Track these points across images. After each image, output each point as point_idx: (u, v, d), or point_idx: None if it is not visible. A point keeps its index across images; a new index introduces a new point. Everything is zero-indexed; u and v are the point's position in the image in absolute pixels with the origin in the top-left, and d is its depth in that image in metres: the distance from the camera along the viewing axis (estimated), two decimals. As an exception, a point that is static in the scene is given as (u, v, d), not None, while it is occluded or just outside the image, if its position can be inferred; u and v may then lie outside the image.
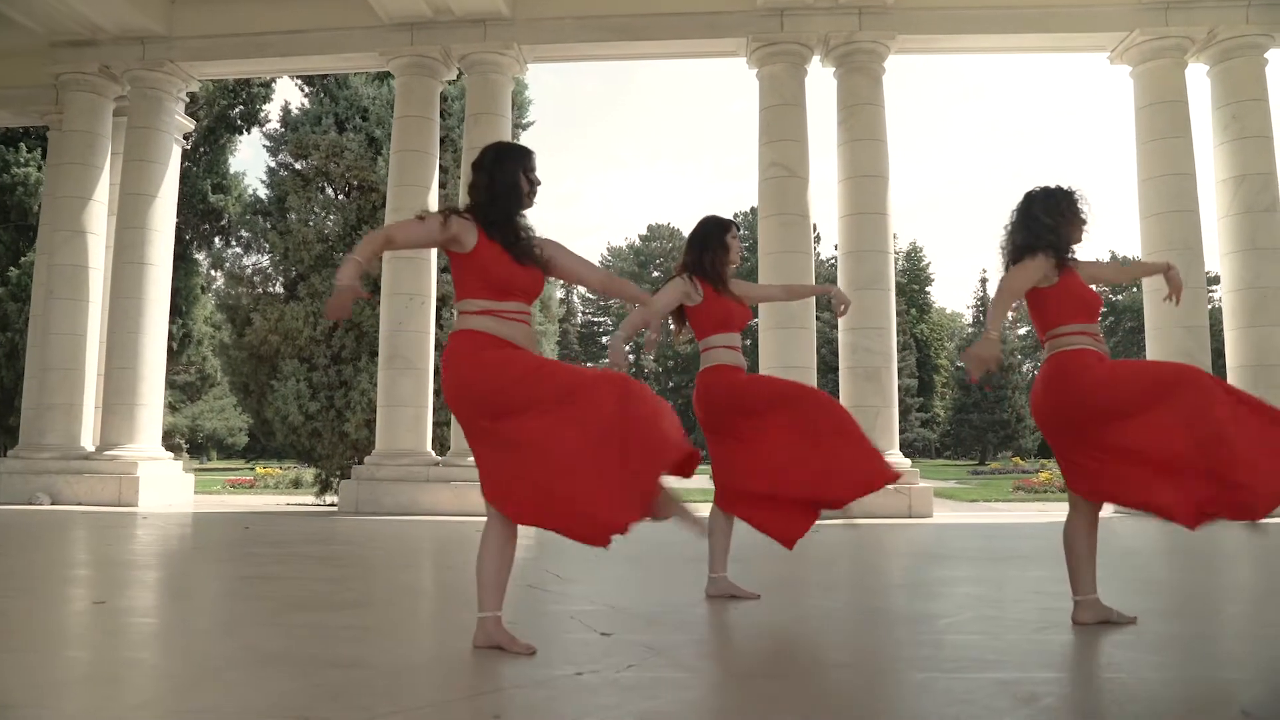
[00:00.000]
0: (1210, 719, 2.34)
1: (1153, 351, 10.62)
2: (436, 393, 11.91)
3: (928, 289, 61.09)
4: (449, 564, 6.06)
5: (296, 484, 20.55)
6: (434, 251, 11.41)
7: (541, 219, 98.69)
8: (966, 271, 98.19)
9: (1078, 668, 2.78)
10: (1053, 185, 3.53)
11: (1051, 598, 4.10)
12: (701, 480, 4.06)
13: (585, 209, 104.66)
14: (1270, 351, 10.23)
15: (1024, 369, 58.96)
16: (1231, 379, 10.58)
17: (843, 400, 10.32)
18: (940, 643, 3.16)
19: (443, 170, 13.16)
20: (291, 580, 4.80)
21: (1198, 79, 11.12)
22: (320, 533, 7.82)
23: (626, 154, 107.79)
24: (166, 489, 11.62)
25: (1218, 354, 11.23)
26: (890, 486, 10.00)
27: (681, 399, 61.19)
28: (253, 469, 27.22)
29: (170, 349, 21.87)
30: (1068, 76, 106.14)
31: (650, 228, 67.12)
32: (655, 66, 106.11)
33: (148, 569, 5.25)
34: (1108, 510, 11.84)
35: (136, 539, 7.05)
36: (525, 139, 15.90)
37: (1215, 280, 18.51)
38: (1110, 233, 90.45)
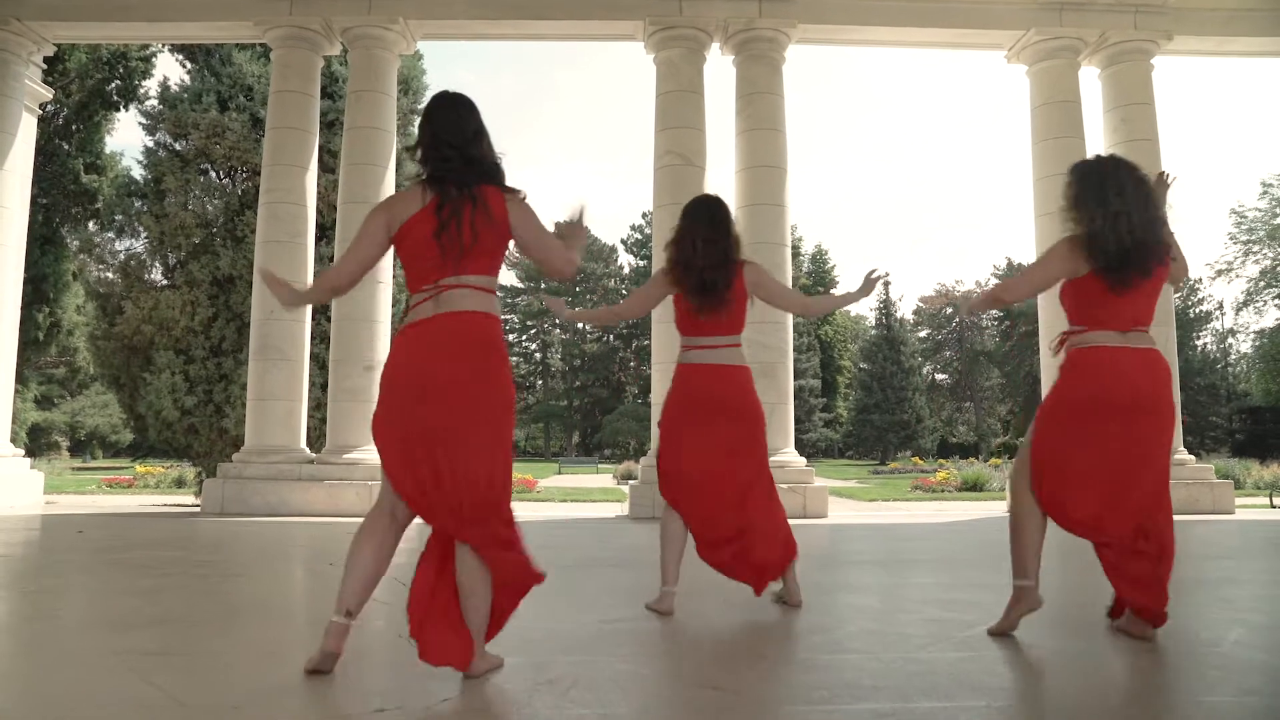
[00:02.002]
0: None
1: (1046, 354, 10.65)
2: (313, 385, 11.21)
3: (833, 291, 62.03)
4: (288, 572, 5.49)
5: (179, 483, 19.46)
6: (310, 236, 10.72)
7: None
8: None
9: (962, 694, 2.43)
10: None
11: (939, 607, 3.80)
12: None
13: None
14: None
15: (924, 371, 60.47)
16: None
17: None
18: (815, 664, 2.79)
19: (331, 154, 12.41)
20: (93, 593, 4.18)
21: (1091, 83, 11.24)
22: (167, 536, 7.09)
23: (544, 151, 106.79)
24: (10, 489, 10.58)
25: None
26: (783, 485, 9.72)
27: (589, 398, 60.81)
28: (134, 467, 25.79)
29: (36, 339, 20.41)
30: (974, 82, 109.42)
31: (558, 225, 66.33)
32: (574, 63, 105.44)
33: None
34: (1000, 508, 11.80)
35: (-55, 546, 6.23)
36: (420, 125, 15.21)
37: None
38: (1006, 232, 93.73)
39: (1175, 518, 3.08)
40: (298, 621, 3.70)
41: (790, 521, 3.79)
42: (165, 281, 13.34)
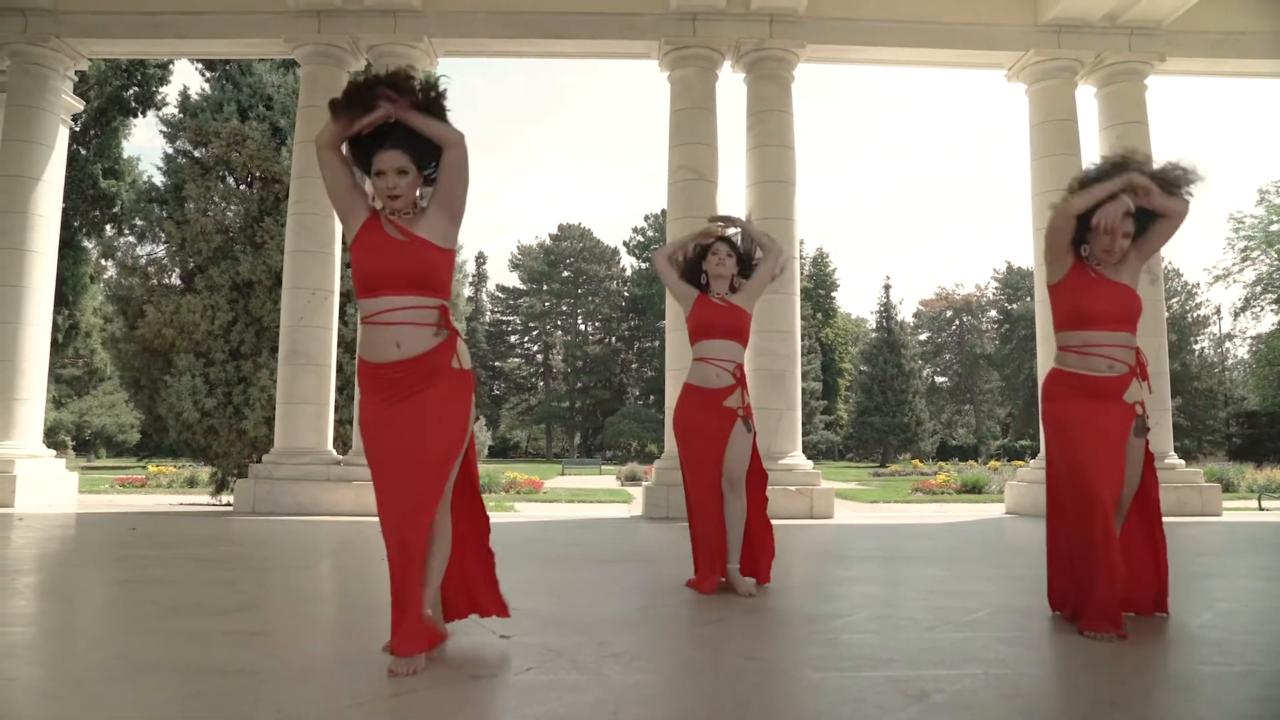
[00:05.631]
0: (1083, 710, 2.44)
1: (1044, 359, 11.09)
2: (339, 389, 11.63)
3: (833, 294, 62.49)
4: (345, 565, 5.92)
5: (191, 483, 19.82)
6: (338, 246, 11.13)
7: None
8: (871, 278, 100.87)
9: (965, 664, 2.86)
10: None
11: (943, 596, 4.23)
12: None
13: (502, 208, 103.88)
14: (1150, 359, 10.77)
15: (924, 374, 60.93)
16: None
17: (748, 402, 10.46)
18: (836, 641, 3.23)
19: (350, 163, 12.85)
20: (176, 584, 4.60)
21: (1087, 101, 11.67)
22: (213, 533, 7.53)
23: (549, 154, 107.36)
24: (47, 489, 11.01)
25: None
26: (792, 487, 10.14)
27: (591, 399, 61.27)
28: (144, 467, 26.17)
29: (54, 341, 20.85)
30: (973, 93, 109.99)
31: (561, 227, 66.85)
32: (581, 68, 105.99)
33: (19, 574, 4.96)
34: (999, 510, 12.23)
35: (11, 542, 6.66)
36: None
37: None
38: (1008, 236, 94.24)
39: (1167, 519, 3.54)
40: (363, 606, 4.13)
41: (798, 522, 4.30)
42: (185, 286, 13.73)
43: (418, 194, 2.95)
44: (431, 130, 2.87)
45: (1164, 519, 3.56)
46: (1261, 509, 13.39)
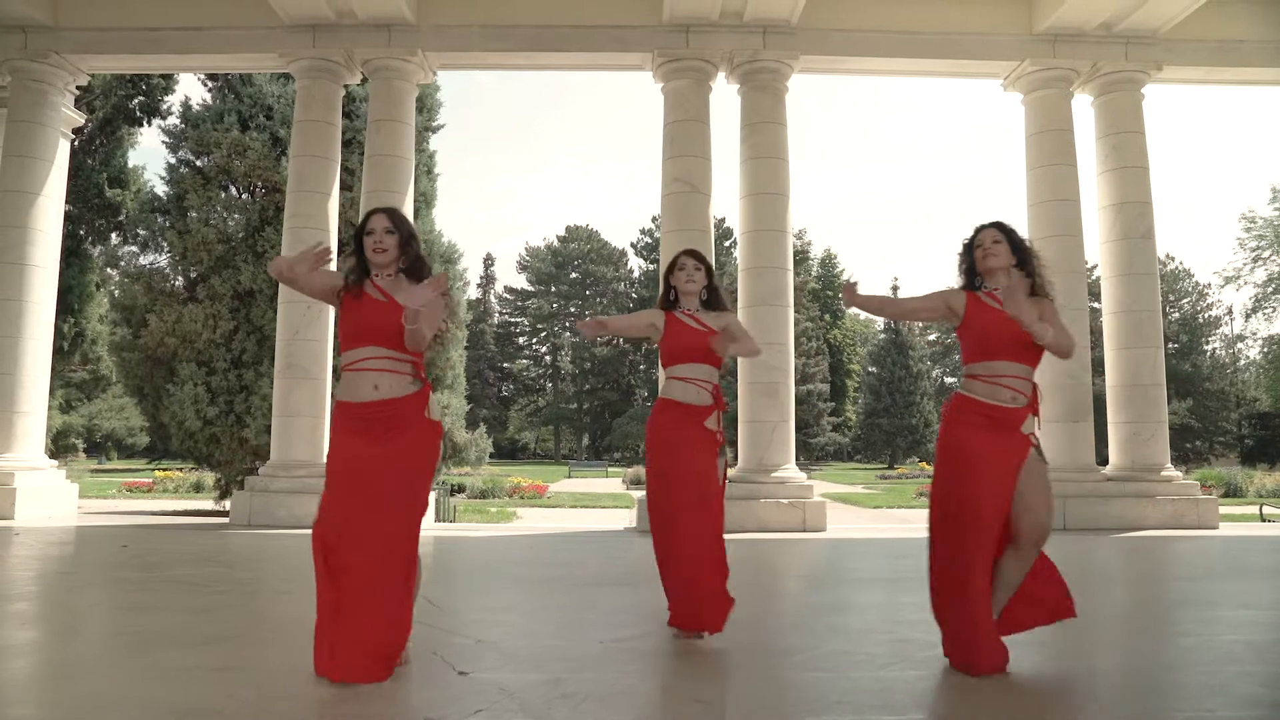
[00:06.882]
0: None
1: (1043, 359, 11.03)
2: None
3: (841, 295, 62.24)
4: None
5: (198, 488, 19.98)
6: (334, 261, 11.17)
7: (471, 218, 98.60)
8: (879, 278, 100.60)
9: (911, 710, 2.88)
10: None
11: (908, 628, 4.25)
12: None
13: (510, 209, 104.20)
14: (1144, 372, 10.74)
15: (933, 375, 60.71)
16: (1110, 397, 11.08)
17: (740, 415, 10.49)
18: (791, 682, 3.24)
19: (349, 172, 12.94)
20: (156, 611, 4.64)
21: (1084, 110, 11.64)
22: (204, 551, 7.59)
23: (557, 156, 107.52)
24: (47, 501, 11.11)
25: (1099, 372, 11.78)
26: (784, 500, 10.07)
27: (598, 401, 61.33)
28: (153, 471, 26.33)
29: (60, 348, 20.98)
30: (980, 95, 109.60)
31: (568, 229, 66.94)
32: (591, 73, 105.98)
33: (5, 599, 5.02)
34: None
35: (4, 561, 6.73)
36: (436, 141, 15.75)
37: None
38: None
39: (1162, 533, 3.54)
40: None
41: (790, 535, 4.24)
42: (187, 295, 13.83)
43: (399, 257, 3.35)
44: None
45: (1159, 532, 3.61)
46: (1263, 519, 13.31)
